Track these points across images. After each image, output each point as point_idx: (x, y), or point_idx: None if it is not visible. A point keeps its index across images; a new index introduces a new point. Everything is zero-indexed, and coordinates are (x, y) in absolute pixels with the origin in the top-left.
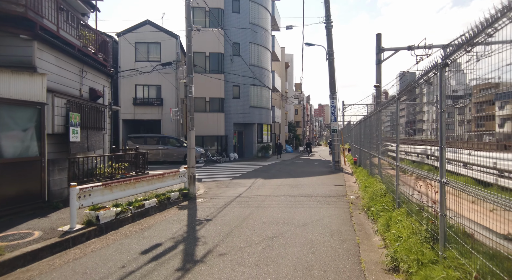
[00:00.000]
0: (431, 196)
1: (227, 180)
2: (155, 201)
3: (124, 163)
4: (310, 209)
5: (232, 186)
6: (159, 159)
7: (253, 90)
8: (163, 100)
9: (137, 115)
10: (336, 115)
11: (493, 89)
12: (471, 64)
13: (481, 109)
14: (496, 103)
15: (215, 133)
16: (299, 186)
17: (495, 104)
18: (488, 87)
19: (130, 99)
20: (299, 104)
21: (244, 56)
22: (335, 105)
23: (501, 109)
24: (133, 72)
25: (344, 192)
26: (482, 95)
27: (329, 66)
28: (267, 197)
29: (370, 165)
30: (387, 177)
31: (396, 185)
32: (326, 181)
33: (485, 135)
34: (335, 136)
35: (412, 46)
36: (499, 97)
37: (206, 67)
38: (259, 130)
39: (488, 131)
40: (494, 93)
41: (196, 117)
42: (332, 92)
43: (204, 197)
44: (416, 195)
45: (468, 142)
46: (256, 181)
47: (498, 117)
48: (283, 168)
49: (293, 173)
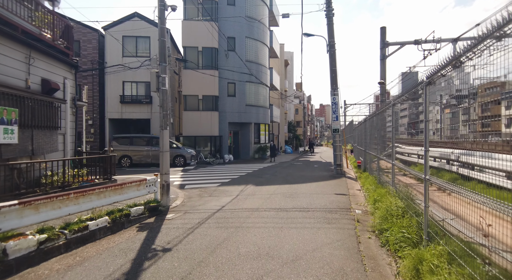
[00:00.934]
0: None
1: (213, 187)
2: (105, 220)
3: (91, 167)
4: (305, 231)
5: (217, 195)
6: (147, 162)
7: (250, 87)
8: (152, 98)
9: (125, 114)
10: (338, 114)
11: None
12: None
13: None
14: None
15: (208, 133)
16: (294, 195)
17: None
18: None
19: (117, 97)
20: (299, 103)
21: (240, 52)
22: (337, 102)
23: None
24: (120, 68)
25: (347, 205)
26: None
27: (330, 59)
28: (253, 212)
29: (378, 171)
30: (404, 189)
31: (425, 207)
32: (327, 188)
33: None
34: (337, 136)
35: (419, 40)
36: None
37: (198, 62)
38: (256, 130)
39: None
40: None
41: (188, 116)
42: (334, 88)
43: (178, 211)
44: (458, 224)
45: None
46: (246, 188)
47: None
48: (279, 172)
49: (289, 178)
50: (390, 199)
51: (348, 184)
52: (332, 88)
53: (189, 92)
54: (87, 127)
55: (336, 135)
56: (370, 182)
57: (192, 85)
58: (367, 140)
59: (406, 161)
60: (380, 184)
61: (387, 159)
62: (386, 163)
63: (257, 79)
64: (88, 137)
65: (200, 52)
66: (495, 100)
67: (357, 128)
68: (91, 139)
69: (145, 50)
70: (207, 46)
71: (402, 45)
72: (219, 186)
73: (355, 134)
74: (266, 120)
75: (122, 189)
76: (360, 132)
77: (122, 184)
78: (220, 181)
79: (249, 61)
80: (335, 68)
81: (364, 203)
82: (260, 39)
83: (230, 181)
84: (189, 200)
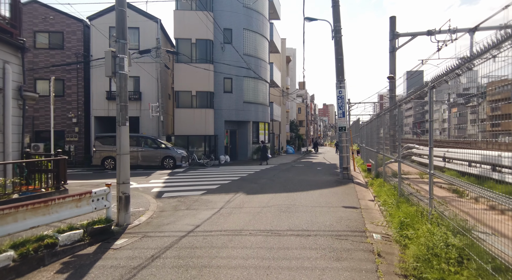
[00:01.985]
0: None
1: (196, 196)
2: (7, 258)
3: (43, 173)
4: (303, 277)
5: (196, 208)
6: (134, 163)
7: (248, 83)
8: (141, 94)
9: (112, 112)
10: (345, 109)
11: None
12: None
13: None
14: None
15: (202, 133)
16: (292, 208)
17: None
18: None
19: (104, 93)
20: (302, 102)
21: (237, 44)
22: (343, 96)
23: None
24: None
25: (361, 224)
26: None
27: (335, 46)
28: (234, 236)
29: (399, 179)
30: (457, 215)
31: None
32: (333, 198)
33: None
34: (344, 135)
35: (432, 30)
36: None
37: (192, 55)
38: (255, 129)
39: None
40: None
41: (181, 114)
42: (340, 79)
43: (136, 234)
44: None
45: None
46: (235, 197)
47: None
48: (277, 176)
49: (288, 184)
50: (428, 227)
51: (357, 192)
52: (338, 80)
53: (181, 88)
54: (71, 126)
55: (343, 134)
56: (387, 193)
57: (185, 80)
58: (380, 140)
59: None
60: (404, 197)
61: (420, 167)
62: (409, 168)
63: (256, 74)
64: (72, 136)
65: (194, 44)
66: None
67: (365, 127)
68: (75, 138)
69: (134, 42)
70: (201, 38)
71: (413, 36)
72: (203, 194)
73: (363, 134)
74: (265, 118)
75: (49, 207)
76: (369, 130)
77: (49, 200)
78: (206, 187)
79: (247, 55)
80: (342, 57)
81: (382, 221)
82: (259, 32)
83: (218, 188)
84: (159, 215)
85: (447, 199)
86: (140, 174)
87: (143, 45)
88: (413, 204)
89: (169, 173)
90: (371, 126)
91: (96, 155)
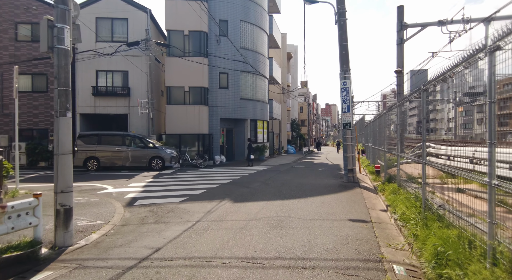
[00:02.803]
0: None
1: (174, 203)
2: None
3: None
4: None
5: (166, 221)
6: (119, 164)
7: (245, 78)
8: (130, 90)
9: (99, 108)
10: (349, 103)
11: None
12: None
13: None
14: None
15: (196, 131)
16: (285, 222)
17: None
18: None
19: (90, 89)
20: (304, 101)
21: (234, 37)
22: (348, 88)
23: None
24: (93, 55)
25: (375, 249)
26: None
27: (339, 31)
28: (200, 269)
29: (423, 187)
30: None
31: None
32: (337, 208)
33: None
34: (348, 133)
35: (444, 20)
36: None
37: (184, 48)
38: (253, 127)
39: None
40: None
41: (172, 111)
42: (344, 69)
43: (69, 263)
44: None
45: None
46: (218, 207)
47: None
48: (274, 179)
49: (285, 188)
50: (490, 273)
51: (366, 199)
52: (342, 70)
53: (173, 83)
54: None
55: (347, 132)
56: (406, 203)
57: (177, 74)
58: (391, 138)
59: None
60: (432, 212)
61: (465, 173)
62: (428, 171)
63: (254, 69)
64: None
65: (187, 36)
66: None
67: (371, 124)
68: None
69: (123, 34)
70: (194, 29)
71: (423, 27)
72: (183, 201)
73: (369, 132)
74: (264, 116)
75: None
76: (377, 128)
77: None
78: (189, 193)
79: (244, 48)
80: (346, 44)
81: (402, 243)
82: (258, 24)
83: (202, 194)
84: (118, 231)
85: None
86: (122, 176)
87: (132, 37)
88: (451, 225)
89: (155, 175)
90: (379, 122)
91: (78, 155)
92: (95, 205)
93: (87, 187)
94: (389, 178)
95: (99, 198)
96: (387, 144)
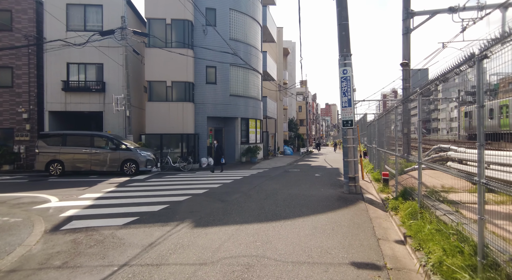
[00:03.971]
0: None
1: (113, 228)
2: None
3: None
4: None
5: (78, 264)
6: (86, 169)
7: (236, 73)
8: (106, 85)
9: (70, 106)
10: (351, 95)
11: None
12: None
13: None
14: None
15: (179, 131)
16: (253, 272)
17: None
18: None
19: (59, 83)
20: (303, 100)
21: (222, 27)
22: (349, 78)
23: None
24: (63, 45)
25: None
26: None
27: (337, 8)
28: None
29: (480, 220)
30: None
31: None
32: (334, 241)
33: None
34: (349, 133)
35: (455, 7)
36: None
37: (167, 39)
38: (244, 126)
39: None
40: None
41: (153, 109)
42: (344, 54)
43: None
44: None
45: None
46: (168, 236)
47: None
48: (260, 187)
49: (268, 203)
50: None
51: (373, 220)
52: (342, 55)
53: (154, 77)
54: (22, 122)
55: (348, 131)
56: (443, 243)
57: (158, 67)
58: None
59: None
60: (502, 268)
61: None
62: (444, 179)
63: (245, 62)
64: (22, 135)
65: (169, 25)
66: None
67: (376, 122)
68: (26, 137)
69: (97, 23)
70: (178, 18)
71: (432, 14)
72: (127, 224)
73: (373, 131)
74: (257, 114)
75: None
76: (384, 126)
77: None
78: (144, 210)
79: (234, 40)
80: (346, 22)
81: None
82: (250, 14)
83: (161, 211)
84: None
85: None
86: (84, 183)
87: (108, 25)
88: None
89: (123, 182)
90: (385, 120)
91: (40, 158)
92: (7, 230)
93: (27, 199)
94: (404, 193)
95: (26, 216)
96: (402, 147)
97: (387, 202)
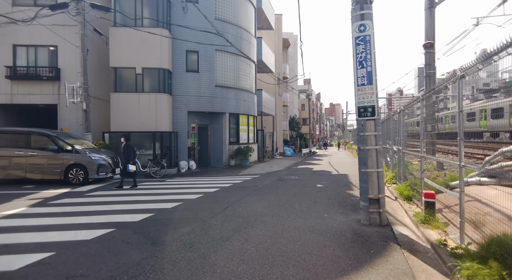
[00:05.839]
0: None
1: None
2: None
3: None
4: None
5: None
6: (18, 176)
7: (223, 59)
8: (60, 71)
9: (18, 97)
10: (373, 67)
11: None
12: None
13: None
14: None
15: (152, 128)
16: None
17: None
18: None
19: (3, 70)
20: (306, 98)
21: (206, 5)
22: (369, 38)
23: None
24: (8, 23)
25: None
26: None
27: None
28: None
29: None
30: None
31: None
32: None
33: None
34: (369, 127)
35: None
36: None
37: (136, 15)
38: (233, 123)
39: None
40: None
41: (120, 101)
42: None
43: None
44: None
45: None
46: None
47: None
48: (228, 213)
49: (229, 253)
50: None
51: None
52: (356, 1)
53: (120, 63)
54: None
55: (367, 124)
56: None
57: (125, 51)
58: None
59: None
60: None
61: None
62: None
63: (235, 47)
64: None
65: (139, 0)
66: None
67: (401, 113)
68: None
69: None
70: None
71: None
72: None
73: (393, 127)
74: (250, 110)
75: None
76: (421, 117)
77: None
78: (6, 261)
79: (221, 20)
80: None
81: None
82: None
83: (19, 270)
84: None
85: None
86: (34, 192)
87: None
88: None
89: (54, 196)
90: (426, 109)
91: None
92: None
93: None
94: (489, 244)
95: None
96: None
97: (444, 250)
